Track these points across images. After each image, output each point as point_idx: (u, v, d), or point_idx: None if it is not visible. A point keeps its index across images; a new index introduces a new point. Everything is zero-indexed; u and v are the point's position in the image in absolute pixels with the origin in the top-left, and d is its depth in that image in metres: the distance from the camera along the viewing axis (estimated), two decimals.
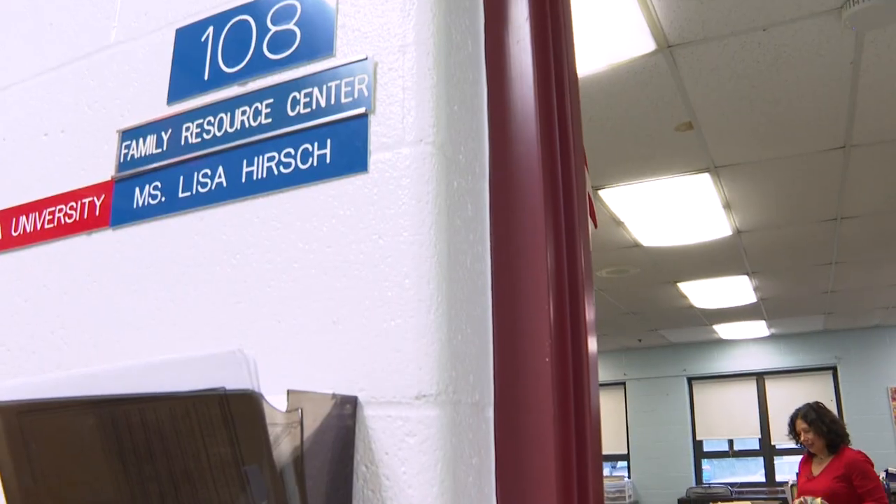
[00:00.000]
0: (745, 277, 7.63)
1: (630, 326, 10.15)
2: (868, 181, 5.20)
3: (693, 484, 11.59)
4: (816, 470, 5.08)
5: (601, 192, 5.07)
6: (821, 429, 5.07)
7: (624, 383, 12.33)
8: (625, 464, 12.21)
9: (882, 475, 7.93)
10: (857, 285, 8.44)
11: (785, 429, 5.50)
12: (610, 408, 12.41)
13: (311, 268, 1.03)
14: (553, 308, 1.02)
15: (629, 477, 11.90)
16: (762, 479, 11.54)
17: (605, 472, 12.30)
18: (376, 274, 0.97)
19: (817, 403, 5.26)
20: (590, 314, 1.12)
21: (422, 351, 0.92)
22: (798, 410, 5.27)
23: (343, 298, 0.99)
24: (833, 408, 11.11)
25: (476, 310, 1.02)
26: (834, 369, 11.45)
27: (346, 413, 0.94)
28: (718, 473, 12.13)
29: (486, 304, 1.04)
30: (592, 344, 1.13)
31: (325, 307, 1.00)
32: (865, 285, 8.47)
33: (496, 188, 1.09)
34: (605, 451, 12.19)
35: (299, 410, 0.86)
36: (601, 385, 12.64)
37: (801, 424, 5.21)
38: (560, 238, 1.08)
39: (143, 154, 1.21)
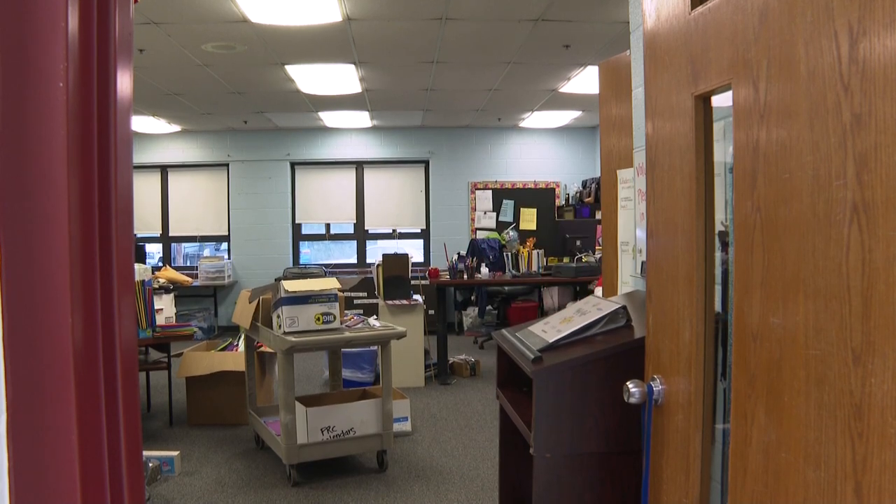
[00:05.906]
0: (352, 66, 7.70)
1: (236, 107, 9.88)
2: None
3: (290, 265, 12.12)
4: None
5: None
6: None
7: (227, 165, 12.17)
8: (226, 245, 12.29)
9: (454, 257, 8.87)
10: (454, 86, 8.98)
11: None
12: (212, 189, 12.28)
13: None
14: (75, 25, 0.88)
15: (229, 258, 12.04)
16: (355, 260, 12.38)
17: (207, 252, 12.32)
18: None
19: None
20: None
21: None
22: None
23: None
24: (423, 197, 12.14)
25: None
26: (426, 163, 12.37)
27: None
28: (315, 256, 12.74)
29: None
30: (125, 84, 1.01)
31: None
32: (460, 87, 9.05)
33: None
34: (206, 233, 12.17)
35: None
36: (202, 165, 12.38)
37: None
38: None
39: None
